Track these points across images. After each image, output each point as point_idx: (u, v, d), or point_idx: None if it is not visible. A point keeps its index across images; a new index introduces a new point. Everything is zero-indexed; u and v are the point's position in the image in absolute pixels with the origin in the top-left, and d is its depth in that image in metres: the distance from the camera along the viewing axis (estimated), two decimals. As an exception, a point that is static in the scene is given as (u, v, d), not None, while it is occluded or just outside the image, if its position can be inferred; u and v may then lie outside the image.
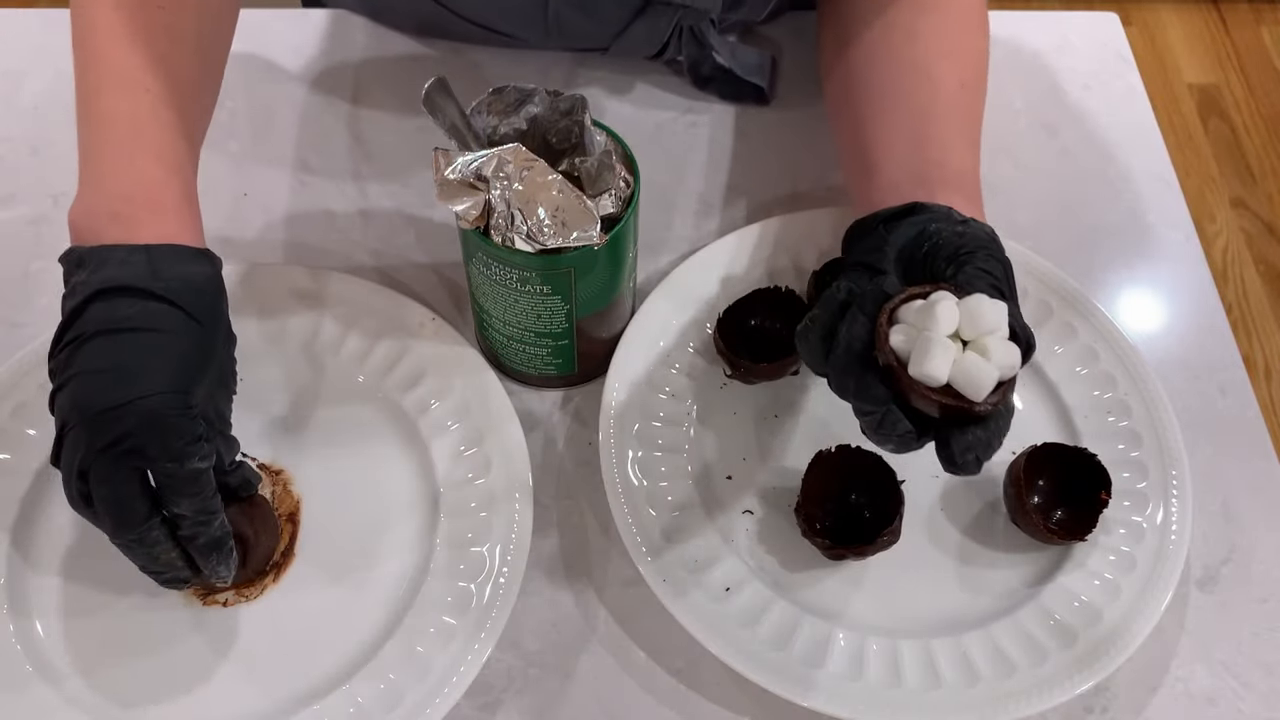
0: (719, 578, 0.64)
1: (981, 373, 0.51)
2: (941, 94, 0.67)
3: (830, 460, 0.66)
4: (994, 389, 0.51)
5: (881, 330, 0.53)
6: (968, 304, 0.52)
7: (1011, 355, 0.52)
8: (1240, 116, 2.10)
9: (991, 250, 0.58)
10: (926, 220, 0.60)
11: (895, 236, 0.60)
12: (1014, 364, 0.52)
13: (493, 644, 0.61)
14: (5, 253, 0.78)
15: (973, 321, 0.52)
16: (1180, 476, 0.67)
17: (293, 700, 0.61)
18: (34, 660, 0.62)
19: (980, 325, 0.52)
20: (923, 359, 0.51)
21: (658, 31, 0.81)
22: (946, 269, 0.57)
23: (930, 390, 0.51)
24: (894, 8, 0.70)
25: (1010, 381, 0.52)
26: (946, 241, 0.58)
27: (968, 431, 0.52)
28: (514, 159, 0.59)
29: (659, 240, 0.79)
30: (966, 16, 0.71)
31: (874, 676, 0.62)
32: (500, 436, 0.68)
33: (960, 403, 0.51)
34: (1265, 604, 0.67)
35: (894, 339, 0.53)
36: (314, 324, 0.72)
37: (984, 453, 0.52)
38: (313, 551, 0.66)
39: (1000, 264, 0.57)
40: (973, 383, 0.51)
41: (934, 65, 0.68)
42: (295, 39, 0.89)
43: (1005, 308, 0.53)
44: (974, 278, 0.56)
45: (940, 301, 0.52)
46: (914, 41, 0.69)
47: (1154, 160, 0.85)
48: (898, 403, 0.53)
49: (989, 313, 0.52)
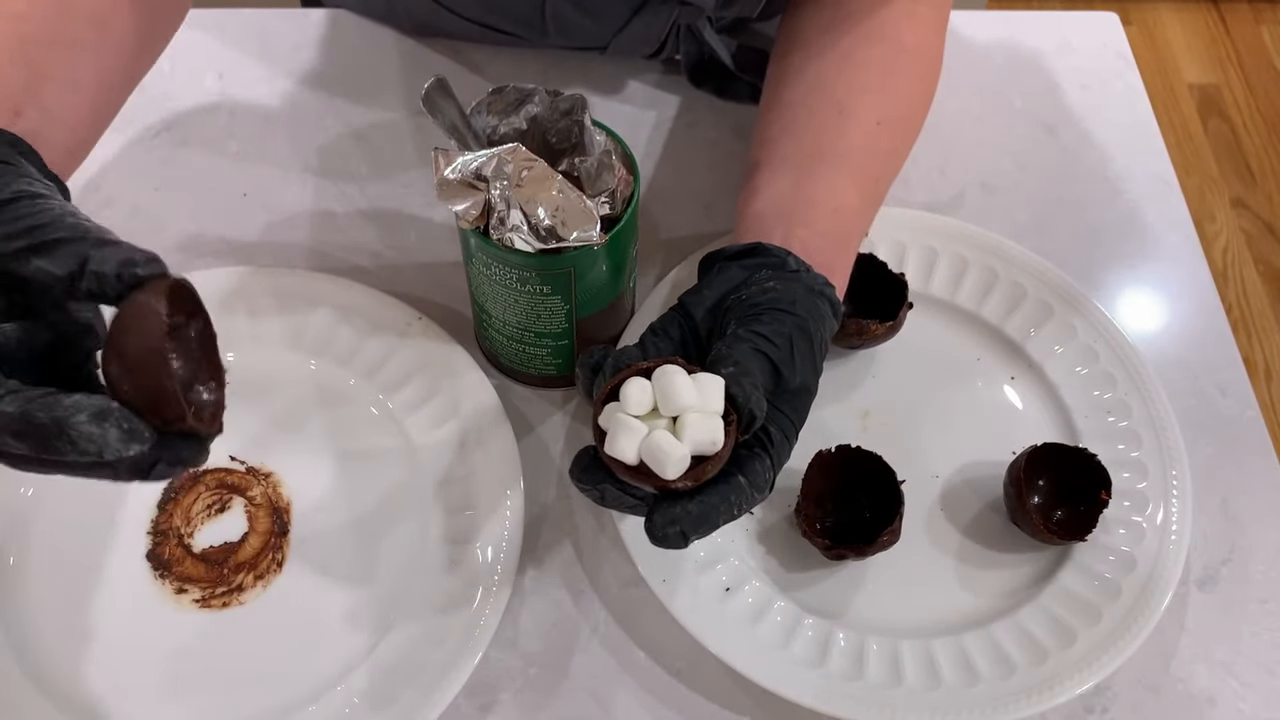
0: (719, 578, 0.64)
1: (665, 452, 0.50)
2: (850, 130, 0.66)
3: (830, 460, 0.66)
4: (692, 466, 0.51)
5: (596, 409, 0.53)
6: (658, 381, 0.51)
7: (711, 432, 0.51)
8: (1240, 116, 2.10)
9: (788, 309, 0.56)
10: (758, 265, 0.60)
11: (722, 279, 0.60)
12: (714, 440, 0.51)
13: (486, 643, 0.61)
14: (5, 253, 0.78)
15: (665, 399, 0.51)
16: (1180, 476, 0.67)
17: (287, 702, 0.61)
18: (27, 662, 0.62)
19: (673, 403, 0.51)
20: (612, 440, 0.51)
21: (655, 30, 0.81)
22: (729, 329, 0.56)
23: (625, 469, 0.51)
24: (839, 32, 0.69)
25: (714, 458, 0.51)
26: (745, 301, 0.57)
27: (677, 505, 0.51)
28: (514, 159, 0.59)
29: (659, 240, 0.79)
30: (913, 53, 0.70)
31: (874, 676, 0.62)
32: (488, 434, 0.68)
33: (655, 481, 0.50)
34: (1265, 604, 0.67)
35: (602, 419, 0.52)
36: (300, 325, 0.72)
37: (692, 527, 0.51)
38: (304, 552, 0.66)
39: (793, 320, 0.56)
40: (657, 462, 0.50)
41: (854, 99, 0.67)
42: (295, 39, 0.89)
43: (718, 382, 0.52)
44: (740, 341, 0.55)
45: (631, 382, 0.51)
46: (844, 71, 0.68)
47: (1154, 160, 0.85)
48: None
49: (681, 391, 0.50)
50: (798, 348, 0.56)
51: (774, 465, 0.54)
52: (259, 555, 0.66)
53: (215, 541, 0.66)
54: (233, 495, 0.68)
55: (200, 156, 0.82)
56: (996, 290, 0.75)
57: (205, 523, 0.67)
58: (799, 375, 0.56)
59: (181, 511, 0.67)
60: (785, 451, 0.55)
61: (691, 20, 0.81)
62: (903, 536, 0.64)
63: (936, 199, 0.82)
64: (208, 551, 0.66)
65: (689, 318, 0.59)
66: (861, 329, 0.69)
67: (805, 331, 0.57)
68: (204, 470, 0.68)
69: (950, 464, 0.70)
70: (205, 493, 0.68)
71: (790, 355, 0.56)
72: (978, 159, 0.85)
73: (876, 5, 0.69)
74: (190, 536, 0.66)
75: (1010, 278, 0.75)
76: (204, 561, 0.65)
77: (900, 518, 0.63)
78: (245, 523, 0.67)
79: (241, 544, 0.66)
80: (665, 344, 0.58)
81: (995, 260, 0.76)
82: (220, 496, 0.67)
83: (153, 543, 0.66)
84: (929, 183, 0.83)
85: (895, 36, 0.70)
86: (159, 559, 0.65)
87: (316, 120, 0.85)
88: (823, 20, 0.71)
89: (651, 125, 0.85)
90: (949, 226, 0.77)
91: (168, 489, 0.67)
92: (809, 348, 0.57)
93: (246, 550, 0.66)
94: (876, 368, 0.73)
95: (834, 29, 0.70)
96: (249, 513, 0.67)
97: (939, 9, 0.72)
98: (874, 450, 0.66)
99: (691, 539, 0.52)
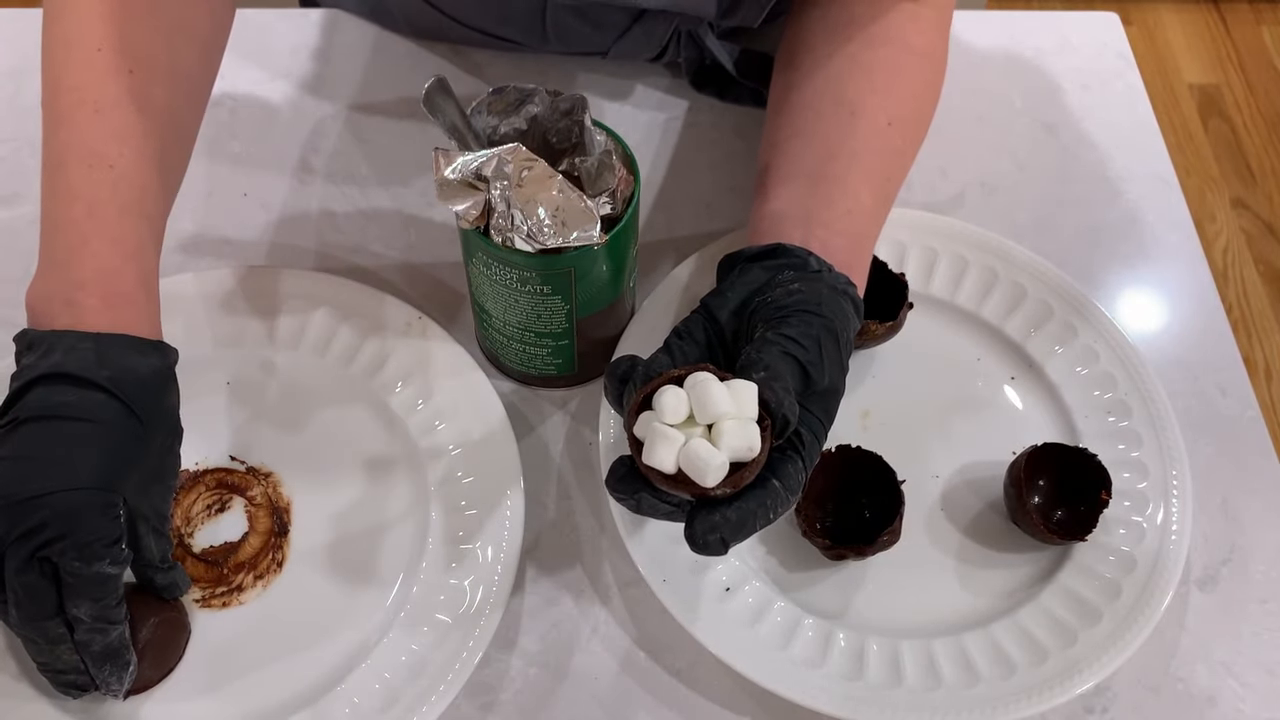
0: (719, 578, 0.64)
1: (705, 460, 0.50)
2: (861, 130, 0.66)
3: (830, 460, 0.66)
4: (730, 473, 0.51)
5: (630, 419, 0.53)
6: (695, 390, 0.51)
7: (747, 439, 0.51)
8: (1240, 116, 2.10)
9: (815, 310, 0.57)
10: (780, 266, 0.60)
11: (744, 280, 0.60)
12: (750, 447, 0.51)
13: (487, 642, 0.61)
14: (5, 252, 0.78)
15: (702, 408, 0.51)
16: (1180, 476, 0.67)
17: (288, 702, 0.61)
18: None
19: (709, 411, 0.51)
20: (650, 450, 0.51)
21: (656, 36, 0.81)
22: (757, 332, 0.57)
23: (663, 479, 0.51)
24: (844, 36, 0.70)
25: (751, 464, 0.51)
26: (771, 302, 0.57)
27: (716, 512, 0.51)
28: (514, 159, 0.59)
29: (659, 240, 0.79)
30: (919, 55, 0.71)
31: (874, 676, 0.62)
32: (488, 434, 0.68)
33: (694, 489, 0.51)
34: (1265, 604, 0.67)
35: (637, 428, 0.52)
36: (300, 325, 0.72)
37: (732, 534, 0.51)
38: (304, 553, 0.66)
39: (820, 322, 0.56)
40: (696, 471, 0.50)
41: (864, 100, 0.67)
42: (295, 39, 0.89)
43: (751, 388, 0.52)
44: (769, 344, 0.55)
45: (666, 390, 0.51)
46: (852, 73, 0.69)
47: (1154, 160, 0.85)
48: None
49: (717, 398, 0.51)
50: (825, 349, 0.56)
51: (806, 468, 0.55)
52: (259, 555, 0.66)
53: (215, 541, 0.66)
54: (233, 495, 0.68)
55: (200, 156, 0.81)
56: (996, 290, 0.75)
57: (205, 523, 0.67)
58: (827, 377, 0.56)
59: (181, 511, 0.67)
60: (815, 452, 0.55)
61: (692, 27, 0.81)
62: (903, 536, 0.64)
63: (936, 199, 0.82)
64: (208, 551, 0.66)
65: (713, 320, 0.59)
66: (862, 329, 0.69)
67: (832, 333, 0.57)
68: (204, 470, 0.68)
69: (950, 464, 0.70)
70: (205, 493, 0.68)
71: (819, 357, 0.56)
72: (978, 159, 0.85)
73: (881, 9, 0.70)
74: (190, 536, 0.66)
75: (1010, 278, 0.75)
76: (204, 561, 0.65)
77: (900, 518, 0.63)
78: (245, 523, 0.67)
79: (241, 544, 0.66)
80: (691, 348, 0.58)
81: (995, 260, 0.76)
82: (220, 496, 0.67)
83: (153, 543, 0.66)
84: (929, 183, 0.83)
85: (901, 38, 0.70)
86: (159, 559, 0.65)
87: (316, 120, 0.85)
88: (828, 25, 0.71)
89: (651, 125, 0.85)
90: (949, 226, 0.77)
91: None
92: (836, 349, 0.57)
93: (246, 550, 0.66)
94: (876, 368, 0.73)
95: (840, 33, 0.70)
96: (249, 513, 0.67)
97: (942, 10, 0.72)
98: (874, 450, 0.66)
99: (731, 545, 0.52)
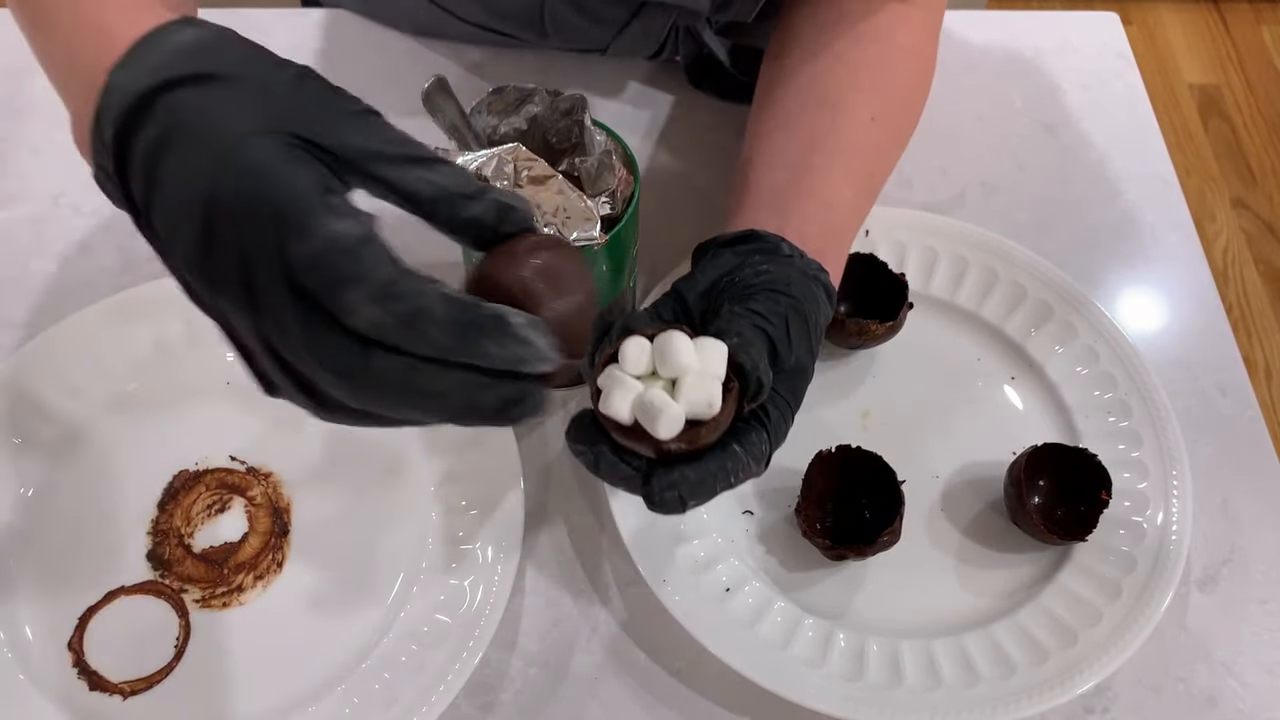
0: (719, 578, 0.64)
1: (658, 409, 0.49)
2: (844, 125, 0.66)
3: (830, 460, 0.66)
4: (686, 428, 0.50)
5: (596, 370, 0.52)
6: (658, 341, 0.50)
7: (707, 394, 0.50)
8: (1240, 116, 2.10)
9: (783, 290, 0.56)
10: (752, 250, 0.59)
11: (715, 264, 0.59)
12: (710, 403, 0.50)
13: (487, 642, 0.61)
14: (5, 252, 0.78)
15: (663, 360, 0.50)
16: (1180, 476, 0.67)
17: (288, 702, 0.61)
18: (26, 664, 0.62)
19: (671, 363, 0.50)
20: (606, 397, 0.50)
21: (654, 32, 0.81)
22: (724, 309, 0.56)
23: (619, 429, 0.50)
24: (833, 33, 0.70)
25: (710, 422, 0.50)
26: (739, 282, 0.57)
27: (674, 470, 0.51)
28: (514, 159, 0.59)
29: (659, 240, 0.79)
30: (907, 53, 0.71)
31: (874, 676, 0.62)
32: (488, 434, 0.68)
33: (651, 445, 0.50)
34: (1265, 604, 0.67)
35: (601, 379, 0.51)
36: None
37: (690, 492, 0.50)
38: (305, 553, 0.66)
39: (788, 301, 0.56)
40: (650, 419, 0.49)
41: (848, 96, 0.67)
42: (295, 39, 0.89)
43: (721, 348, 0.51)
44: (736, 317, 0.54)
45: (630, 340, 0.51)
46: (838, 70, 0.69)
47: (1154, 160, 0.85)
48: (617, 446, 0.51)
49: (680, 351, 0.50)
50: (794, 328, 0.55)
51: (771, 441, 0.54)
52: (259, 555, 0.66)
53: (215, 542, 0.66)
54: (233, 495, 0.68)
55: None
56: (996, 290, 0.75)
57: (205, 523, 0.67)
58: (795, 355, 0.55)
59: (182, 511, 0.67)
60: (782, 431, 0.55)
61: (689, 23, 0.81)
62: (903, 537, 0.64)
63: (936, 199, 0.82)
64: (208, 551, 0.66)
65: (681, 301, 0.58)
66: (861, 329, 0.69)
67: (800, 313, 0.56)
68: (204, 470, 0.68)
69: (950, 464, 0.70)
70: (205, 493, 0.68)
71: (786, 335, 0.55)
72: (978, 159, 0.85)
73: (871, 7, 0.70)
74: (190, 536, 0.66)
75: (1010, 278, 0.75)
76: (204, 561, 0.65)
77: (900, 518, 0.63)
78: (245, 523, 0.67)
79: (241, 544, 0.66)
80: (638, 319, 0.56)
81: (995, 260, 0.76)
82: (220, 496, 0.67)
83: (153, 542, 0.66)
84: (929, 183, 0.83)
85: (889, 37, 0.70)
86: (159, 559, 0.65)
87: (316, 120, 0.85)
88: (818, 22, 0.71)
89: (651, 125, 0.85)
90: (949, 226, 0.77)
91: (168, 489, 0.67)
92: (804, 329, 0.56)
93: (246, 550, 0.66)
94: (877, 368, 0.73)
95: (828, 30, 0.70)
96: (249, 513, 0.67)
97: (933, 11, 0.73)
98: (874, 450, 0.66)
99: (690, 505, 0.51)
